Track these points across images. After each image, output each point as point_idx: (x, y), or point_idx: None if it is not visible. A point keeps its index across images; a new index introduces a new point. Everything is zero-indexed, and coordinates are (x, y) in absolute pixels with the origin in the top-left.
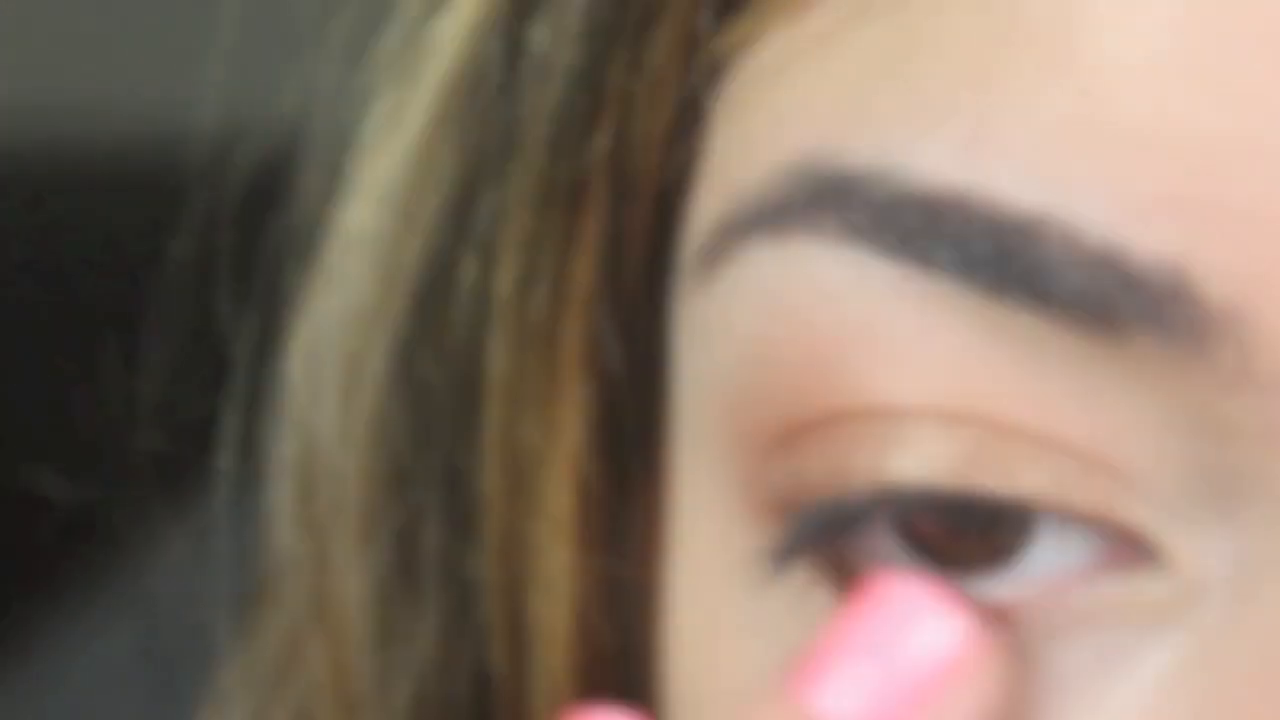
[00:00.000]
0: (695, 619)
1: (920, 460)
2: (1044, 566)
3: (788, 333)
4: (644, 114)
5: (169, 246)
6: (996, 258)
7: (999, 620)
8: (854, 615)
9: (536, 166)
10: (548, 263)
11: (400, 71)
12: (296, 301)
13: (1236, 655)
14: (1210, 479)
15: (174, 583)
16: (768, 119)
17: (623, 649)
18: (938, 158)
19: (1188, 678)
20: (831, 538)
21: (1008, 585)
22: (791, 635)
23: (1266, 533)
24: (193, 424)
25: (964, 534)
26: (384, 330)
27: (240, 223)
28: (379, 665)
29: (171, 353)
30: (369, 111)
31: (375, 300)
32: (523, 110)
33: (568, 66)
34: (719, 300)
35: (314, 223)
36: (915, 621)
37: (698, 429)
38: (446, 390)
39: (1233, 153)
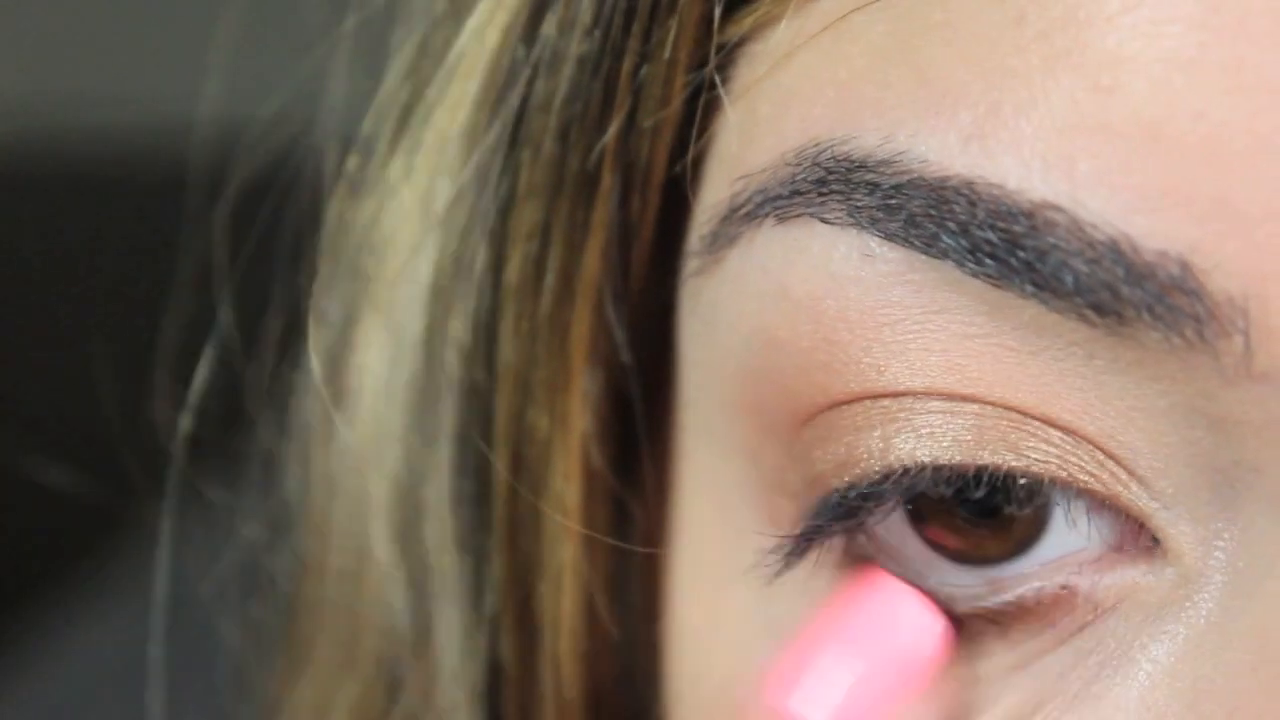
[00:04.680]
0: (699, 611)
1: (925, 440)
2: (1057, 558)
3: (794, 317)
4: (654, 103)
5: (171, 245)
6: (1002, 245)
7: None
8: (834, 614)
9: (546, 157)
10: (557, 253)
11: (419, 71)
12: (306, 298)
13: (1235, 648)
14: (1212, 471)
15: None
16: (776, 105)
17: (627, 639)
18: (946, 145)
19: (1186, 669)
20: (842, 521)
21: (1031, 577)
22: (794, 631)
23: (1267, 525)
24: (197, 422)
25: (979, 530)
26: (402, 325)
27: (243, 220)
28: (414, 656)
29: (173, 349)
30: (382, 110)
31: (393, 295)
32: (533, 101)
33: (579, 57)
34: (726, 286)
35: (319, 219)
36: (897, 620)
37: (705, 416)
38: (459, 379)
39: (1241, 147)
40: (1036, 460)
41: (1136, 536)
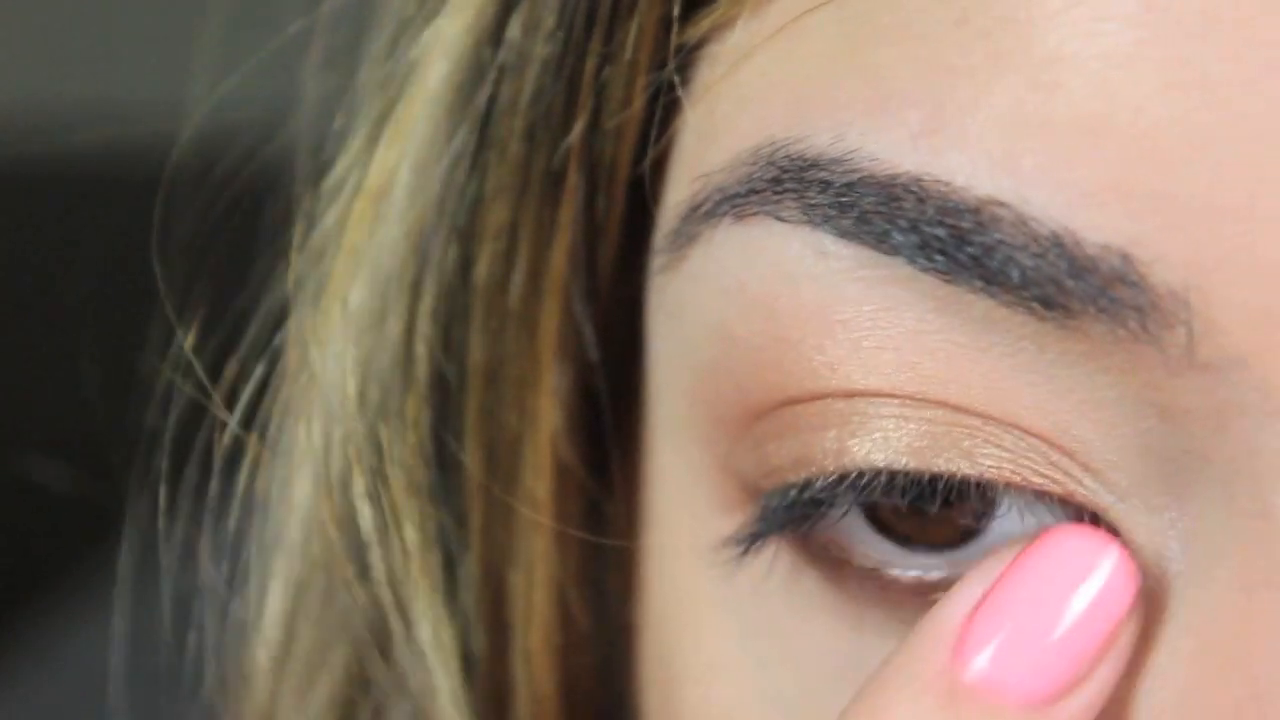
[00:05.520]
0: (667, 600)
1: (881, 443)
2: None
3: (750, 314)
4: (617, 103)
5: (165, 244)
6: (950, 241)
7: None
8: (1017, 570)
9: (513, 157)
10: (524, 251)
11: (391, 74)
12: (293, 297)
13: (1188, 635)
14: (1163, 461)
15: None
16: (734, 105)
17: (602, 632)
18: (895, 144)
19: (1141, 657)
20: (798, 523)
21: (968, 564)
22: (757, 617)
23: (1216, 513)
24: (188, 423)
25: (927, 516)
26: (370, 324)
27: (231, 221)
28: (385, 652)
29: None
30: (358, 112)
31: (372, 292)
32: (500, 102)
33: (543, 58)
34: (687, 284)
35: (302, 220)
36: (1085, 567)
37: (670, 413)
38: (429, 376)
39: (1181, 142)
40: (990, 466)
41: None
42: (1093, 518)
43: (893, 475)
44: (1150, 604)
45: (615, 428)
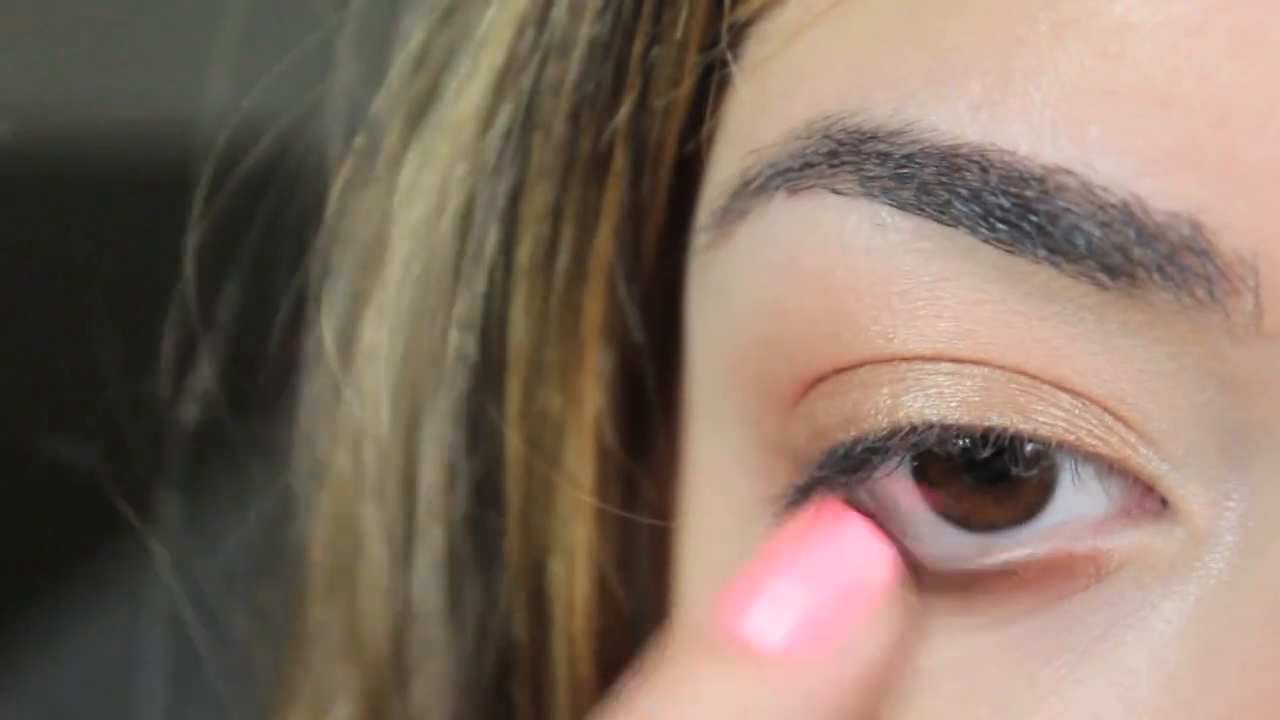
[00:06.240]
0: (705, 581)
1: (935, 399)
2: (1062, 522)
3: (804, 288)
4: (665, 84)
5: (177, 241)
6: (1015, 210)
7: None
8: (788, 539)
9: (558, 139)
10: (569, 234)
11: (429, 56)
12: (311, 283)
13: (1245, 605)
14: (1222, 431)
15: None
16: (786, 79)
17: (639, 614)
18: (956, 114)
19: (1197, 628)
20: (847, 473)
21: (1028, 543)
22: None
23: (1275, 485)
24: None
25: (986, 496)
26: (412, 308)
27: (250, 215)
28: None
29: (177, 341)
30: (391, 95)
31: (410, 278)
32: (544, 84)
33: (589, 39)
34: (737, 259)
35: (325, 205)
36: (850, 547)
37: (713, 389)
38: (473, 360)
39: (1248, 108)
40: (1044, 424)
41: (1145, 499)
42: (1146, 486)
43: (945, 428)
44: (1205, 574)
45: (656, 411)
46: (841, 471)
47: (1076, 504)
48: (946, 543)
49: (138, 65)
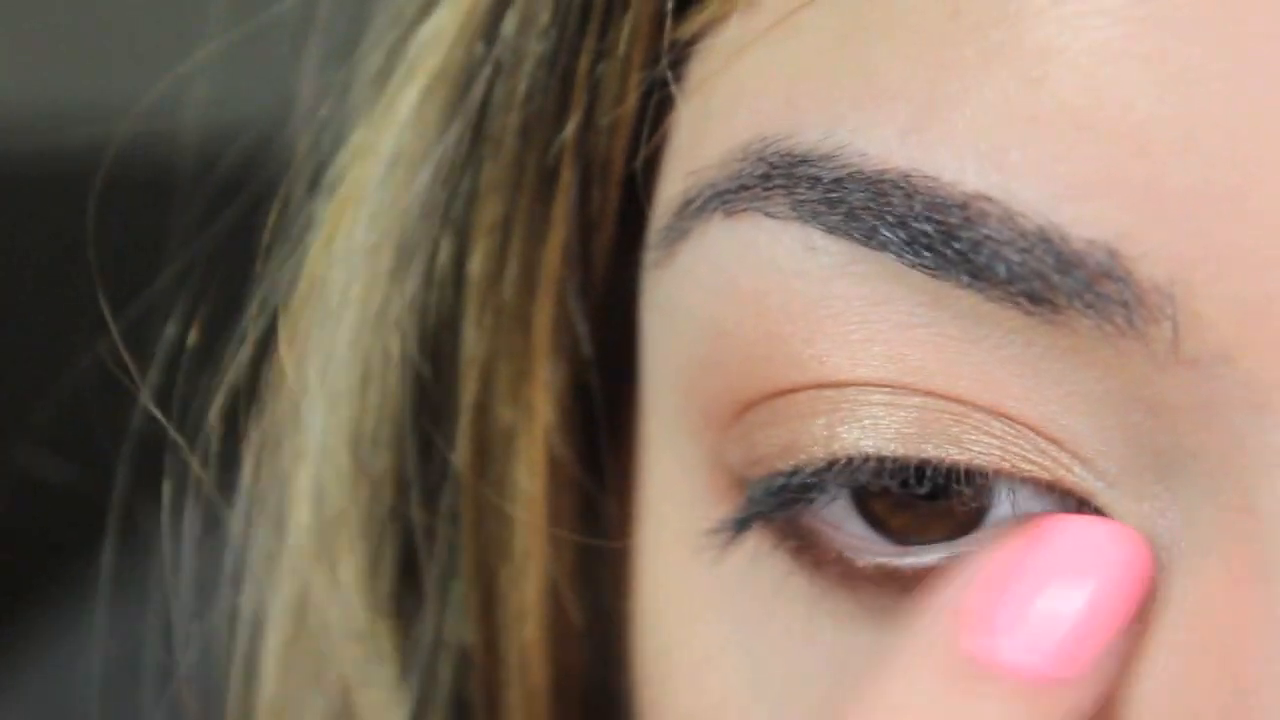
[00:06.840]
0: (659, 593)
1: (870, 429)
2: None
3: (740, 309)
4: (611, 100)
5: (163, 245)
6: (938, 237)
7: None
8: (1026, 550)
9: (507, 153)
10: (519, 247)
11: (386, 73)
12: (286, 298)
13: (1175, 627)
14: (1153, 453)
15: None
16: (727, 99)
17: (594, 625)
18: (884, 139)
19: (1134, 649)
20: (786, 508)
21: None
22: (745, 606)
23: (1204, 506)
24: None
25: (922, 510)
26: (363, 319)
27: (228, 220)
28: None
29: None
30: (355, 111)
31: (362, 290)
32: (494, 98)
33: (537, 55)
34: (679, 279)
35: (299, 219)
36: (1104, 544)
37: (662, 406)
38: (425, 373)
39: (1167, 136)
40: (979, 453)
41: (1080, 510)
42: (1080, 504)
43: (881, 461)
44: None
45: (609, 423)
46: (779, 506)
47: (1014, 519)
48: (876, 549)
49: (118, 69)
